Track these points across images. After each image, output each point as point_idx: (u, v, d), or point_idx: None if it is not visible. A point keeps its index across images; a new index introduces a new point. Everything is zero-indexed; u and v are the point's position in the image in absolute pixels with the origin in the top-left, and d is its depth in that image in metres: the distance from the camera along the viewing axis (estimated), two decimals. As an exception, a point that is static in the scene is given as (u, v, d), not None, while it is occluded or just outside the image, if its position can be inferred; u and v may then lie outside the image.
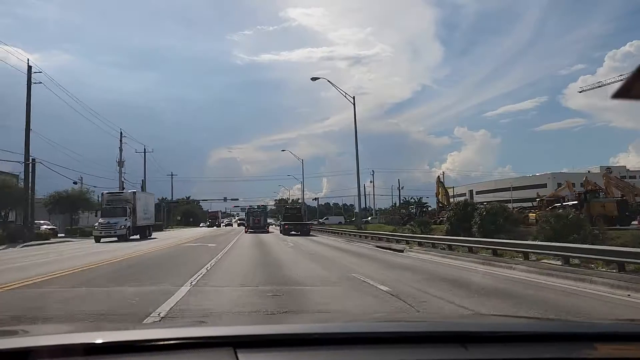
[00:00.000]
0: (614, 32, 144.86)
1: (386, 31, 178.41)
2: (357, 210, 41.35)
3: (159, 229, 72.57)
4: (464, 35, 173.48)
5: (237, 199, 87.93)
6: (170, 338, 1.36)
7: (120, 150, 51.24)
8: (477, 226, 26.65)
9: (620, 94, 1.07)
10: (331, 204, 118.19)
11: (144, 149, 61.59)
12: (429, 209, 72.46)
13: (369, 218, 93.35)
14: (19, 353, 1.27)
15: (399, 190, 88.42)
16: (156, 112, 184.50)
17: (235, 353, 1.29)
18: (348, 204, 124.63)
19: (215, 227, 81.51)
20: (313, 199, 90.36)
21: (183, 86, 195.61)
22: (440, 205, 63.39)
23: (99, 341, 1.34)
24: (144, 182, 61.02)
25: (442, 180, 66.83)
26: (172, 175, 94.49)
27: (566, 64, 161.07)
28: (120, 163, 51.09)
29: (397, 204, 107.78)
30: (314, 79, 35.17)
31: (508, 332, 1.58)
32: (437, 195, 68.06)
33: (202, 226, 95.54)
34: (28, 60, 32.93)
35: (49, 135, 60.79)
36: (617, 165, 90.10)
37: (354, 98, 35.70)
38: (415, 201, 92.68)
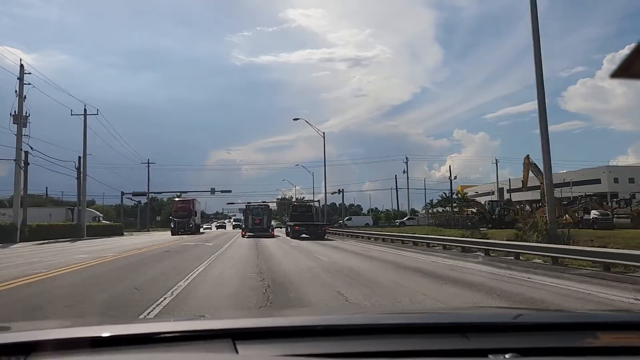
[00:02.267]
0: (614, 34, 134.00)
1: (386, 33, 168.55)
2: (548, 198, 18.83)
3: (117, 233, 51.58)
4: (464, 38, 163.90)
5: (230, 191, 65.48)
6: (173, 331, 1.38)
7: (20, 96, 29.20)
8: None
9: (619, 73, 1.02)
10: (337, 204, 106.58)
11: (84, 110, 39.54)
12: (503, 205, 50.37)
13: (405, 219, 71.88)
14: (27, 346, 1.26)
15: (450, 180, 66.13)
16: (155, 113, 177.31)
17: (234, 344, 1.30)
18: (355, 205, 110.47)
19: (189, 235, 42.31)
20: (332, 193, 68.20)
21: (182, 87, 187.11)
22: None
23: (105, 334, 1.35)
24: (81, 159, 38.97)
25: (533, 162, 44.99)
26: (148, 163, 73.07)
27: (565, 66, 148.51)
28: (20, 119, 29.00)
29: (433, 201, 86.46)
30: None
31: (509, 323, 1.57)
32: (524, 184, 46.16)
33: (206, 227, 73.46)
34: None
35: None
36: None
37: None
38: (459, 197, 71.99)
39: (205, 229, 70.91)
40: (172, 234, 44.80)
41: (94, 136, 62.07)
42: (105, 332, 1.37)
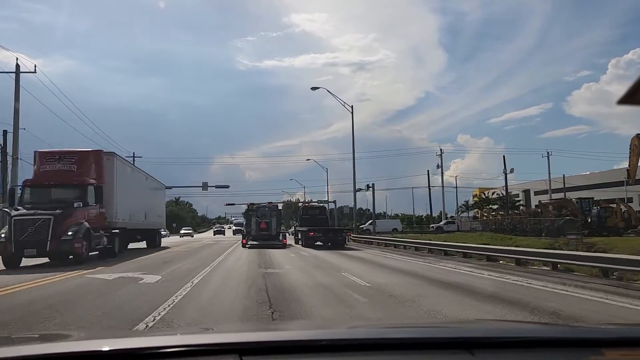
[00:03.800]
0: (619, 38, 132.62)
1: (390, 37, 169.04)
2: None
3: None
4: (468, 42, 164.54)
5: (227, 186, 53.28)
6: (177, 345, 1.34)
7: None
8: None
9: (625, 100, 1.07)
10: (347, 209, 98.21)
11: (17, 66, 27.22)
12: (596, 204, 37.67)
13: (442, 223, 59.25)
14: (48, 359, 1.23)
15: (506, 174, 53.52)
16: (159, 118, 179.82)
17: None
18: (364, 209, 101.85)
19: (83, 265, 13.94)
20: (358, 190, 55.55)
21: (186, 92, 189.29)
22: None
23: (105, 349, 1.30)
24: (7, 133, 26.79)
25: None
26: (134, 156, 61.06)
27: (570, 71, 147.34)
28: None
29: (468, 202, 73.95)
30: None
31: (514, 338, 1.54)
32: (631, 173, 33.51)
33: (184, 233, 61.14)
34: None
35: None
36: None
37: None
38: (500, 196, 59.82)
39: (184, 234, 58.28)
40: (5, 263, 14.59)
41: (85, 137, 51.39)
42: (105, 346, 1.32)
